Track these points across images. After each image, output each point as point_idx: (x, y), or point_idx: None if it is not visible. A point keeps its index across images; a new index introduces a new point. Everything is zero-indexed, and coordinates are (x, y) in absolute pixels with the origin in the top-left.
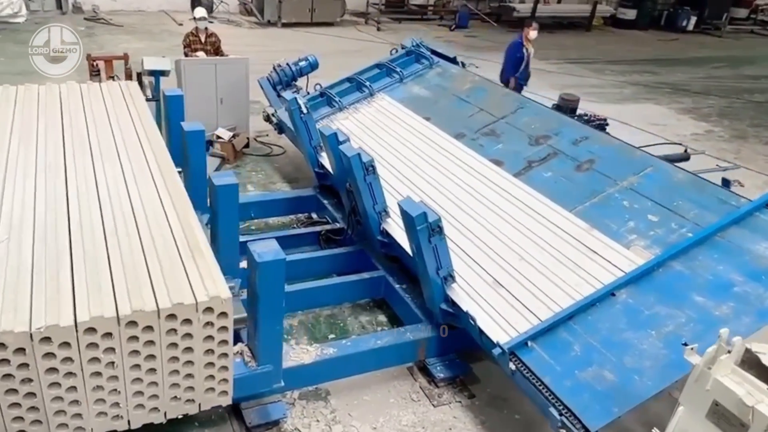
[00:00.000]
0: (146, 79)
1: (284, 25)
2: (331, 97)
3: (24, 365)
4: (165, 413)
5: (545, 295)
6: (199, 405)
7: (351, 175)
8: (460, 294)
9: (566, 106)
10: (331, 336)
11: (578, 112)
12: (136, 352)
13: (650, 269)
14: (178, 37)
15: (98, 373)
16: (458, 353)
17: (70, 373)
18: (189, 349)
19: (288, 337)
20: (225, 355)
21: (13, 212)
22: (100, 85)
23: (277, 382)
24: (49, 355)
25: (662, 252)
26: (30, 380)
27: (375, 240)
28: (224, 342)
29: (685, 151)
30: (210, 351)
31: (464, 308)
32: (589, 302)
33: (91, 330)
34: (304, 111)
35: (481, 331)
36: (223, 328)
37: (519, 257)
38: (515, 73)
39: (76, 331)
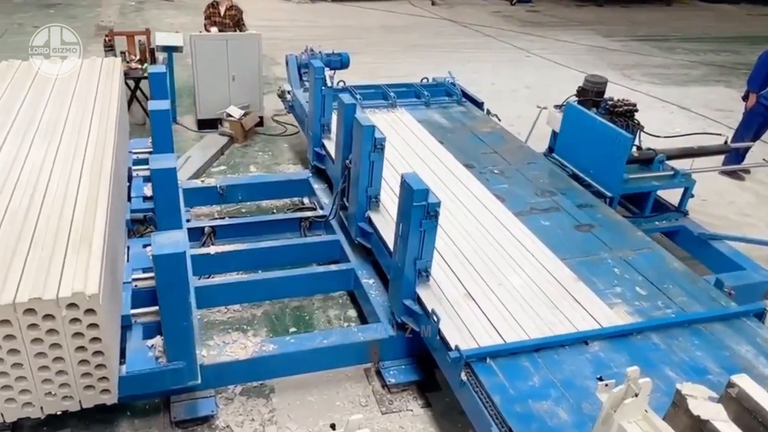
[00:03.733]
0: (159, 55)
1: (335, 0)
2: (352, 93)
3: None
4: (41, 408)
5: (516, 321)
6: (80, 402)
7: (356, 149)
8: (429, 293)
9: (591, 89)
10: (293, 330)
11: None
12: None
13: (628, 331)
14: None
15: None
16: (418, 358)
17: None
18: (56, 345)
19: (247, 328)
20: (100, 353)
21: None
22: (81, 62)
23: (192, 379)
24: None
25: (644, 321)
26: None
27: (355, 226)
28: (96, 339)
29: (726, 143)
30: (82, 348)
31: (429, 307)
32: (560, 341)
33: None
34: (328, 84)
35: (439, 333)
36: (93, 326)
37: (498, 282)
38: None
39: None
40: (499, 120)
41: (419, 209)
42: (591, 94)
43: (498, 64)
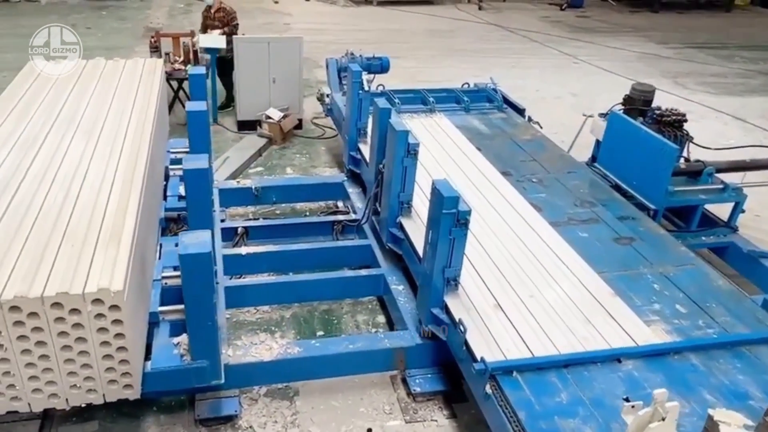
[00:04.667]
0: (203, 57)
1: (380, 3)
2: (390, 97)
3: None
4: (66, 400)
5: (546, 335)
6: (104, 395)
7: (390, 154)
8: (457, 302)
9: (638, 98)
10: (320, 333)
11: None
12: (24, 337)
13: (665, 351)
14: (270, 15)
15: None
16: (445, 368)
17: None
18: (82, 339)
19: (275, 329)
20: (123, 348)
21: None
22: (124, 62)
23: (215, 379)
24: None
25: (683, 340)
26: None
27: (387, 231)
28: (120, 335)
29: None
30: (106, 343)
31: (456, 316)
32: (591, 357)
33: None
34: (365, 88)
35: (466, 344)
36: (117, 322)
37: (530, 294)
38: None
39: None
40: (541, 127)
41: (449, 217)
42: (638, 102)
43: (544, 71)
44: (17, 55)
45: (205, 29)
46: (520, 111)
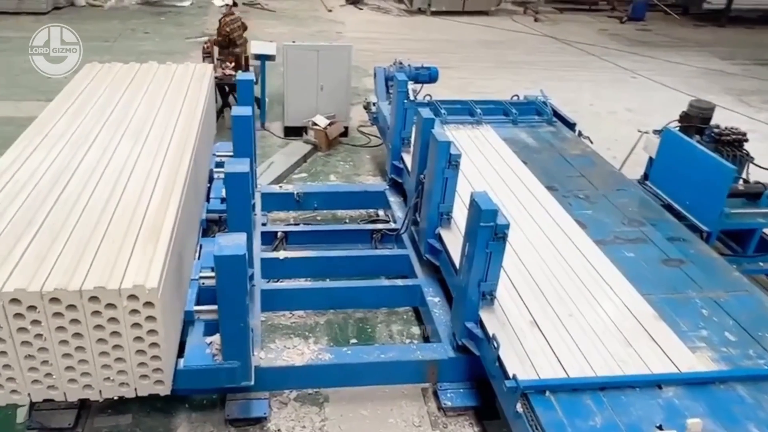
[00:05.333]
0: (253, 63)
1: (433, 13)
2: (437, 107)
3: None
4: (100, 392)
5: (583, 356)
6: (135, 390)
7: (431, 164)
8: (492, 317)
9: (696, 115)
10: (354, 341)
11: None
12: (62, 329)
13: (710, 379)
14: (324, 23)
15: (28, 343)
16: (478, 383)
17: None
18: (116, 334)
19: (309, 335)
20: (156, 344)
21: (20, 179)
22: (176, 67)
23: (245, 380)
24: None
25: (730, 369)
26: None
27: (425, 242)
28: (153, 332)
29: None
30: (139, 338)
31: (491, 331)
32: (630, 381)
33: (16, 301)
34: (411, 98)
35: (498, 360)
36: (151, 318)
37: (569, 312)
38: None
39: (1, 299)
40: (591, 142)
41: (486, 230)
42: (695, 120)
43: (599, 84)
44: (81, 57)
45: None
46: (571, 125)
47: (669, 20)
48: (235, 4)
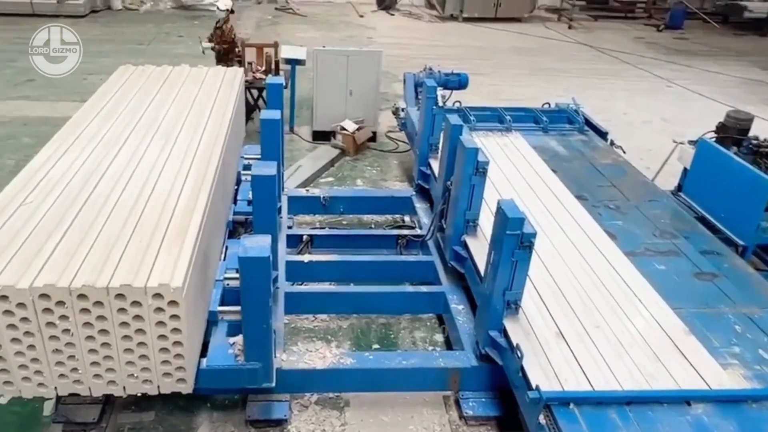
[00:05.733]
0: (284, 67)
1: (465, 20)
2: (466, 114)
3: None
4: (124, 388)
5: (609, 369)
6: (158, 387)
7: (458, 171)
8: (516, 326)
9: (733, 126)
10: (376, 346)
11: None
12: (89, 324)
13: (742, 397)
14: (355, 28)
15: (55, 338)
16: (501, 393)
17: (28, 333)
18: (141, 331)
19: (332, 339)
20: (179, 343)
21: (53, 178)
22: (207, 70)
23: (266, 381)
24: (8, 312)
25: (764, 387)
26: None
27: (450, 249)
28: (177, 330)
29: None
30: (163, 337)
31: (514, 341)
32: (657, 397)
33: (45, 296)
34: (440, 104)
35: (521, 370)
36: (175, 317)
37: (596, 324)
38: None
39: (31, 294)
40: (624, 152)
41: (512, 238)
42: (732, 131)
43: (633, 93)
44: (116, 59)
45: (209, 40)
46: (603, 134)
47: (708, 29)
48: (232, 12)
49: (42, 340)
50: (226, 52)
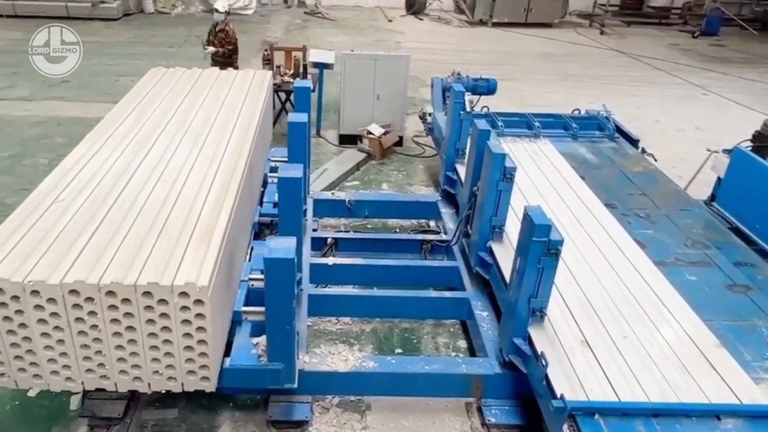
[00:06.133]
0: (311, 71)
1: (495, 25)
2: (494, 119)
3: (19, 312)
4: (149, 384)
5: (636, 379)
6: (182, 384)
7: (485, 176)
8: (541, 334)
9: None
10: (398, 351)
11: None
12: (116, 321)
13: None
14: (384, 33)
15: (84, 333)
16: (524, 401)
17: (57, 328)
18: (167, 329)
19: (354, 342)
20: (203, 342)
21: (84, 177)
22: (236, 73)
23: (288, 382)
24: (39, 307)
25: None
26: (25, 325)
27: (475, 255)
28: (201, 329)
29: None
30: (188, 335)
31: (539, 349)
32: (686, 410)
33: (75, 292)
34: (467, 108)
35: (546, 378)
36: (200, 315)
37: (623, 334)
38: None
39: (61, 290)
40: (655, 160)
41: (539, 245)
42: None
43: (666, 101)
44: (148, 62)
45: (208, 43)
46: (634, 141)
47: (745, 35)
48: (228, 13)
49: (71, 335)
50: (230, 54)
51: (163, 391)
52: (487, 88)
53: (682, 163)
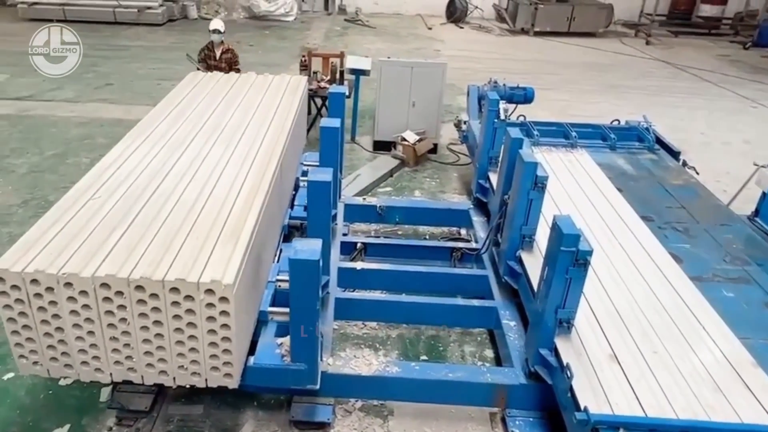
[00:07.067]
0: (348, 77)
1: (537, 34)
2: (530, 128)
3: (53, 303)
4: (174, 378)
5: (664, 395)
6: (206, 380)
7: (516, 185)
8: (567, 346)
9: None
10: (424, 358)
11: None
12: (144, 315)
13: None
14: (423, 41)
15: (113, 326)
16: (549, 414)
17: (88, 319)
18: (192, 325)
19: (379, 347)
20: (227, 339)
21: (120, 176)
22: (272, 78)
23: (311, 383)
24: (71, 299)
25: None
26: (58, 316)
27: (505, 264)
28: (226, 326)
29: None
30: (212, 331)
31: (565, 360)
32: (717, 429)
33: (106, 285)
34: (501, 117)
35: (571, 391)
36: (224, 313)
37: (653, 349)
38: None
39: (93, 283)
40: (697, 173)
41: (567, 255)
42: None
43: (713, 113)
44: (187, 66)
45: (207, 69)
46: (675, 153)
47: None
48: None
49: (101, 328)
50: (237, 71)
51: (188, 387)
52: (524, 96)
53: (727, 177)
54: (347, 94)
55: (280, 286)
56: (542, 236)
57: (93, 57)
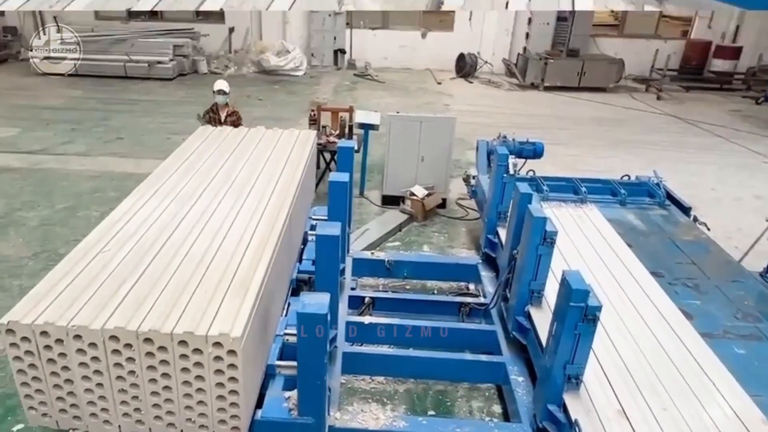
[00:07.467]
0: (356, 132)
1: (547, 89)
2: (539, 183)
3: (62, 355)
4: (182, 431)
5: None
6: None
7: (525, 240)
8: (576, 402)
9: None
10: (431, 413)
11: None
12: (152, 368)
13: None
14: (432, 95)
15: (122, 378)
16: None
17: (97, 371)
18: (200, 378)
19: (387, 402)
20: (235, 392)
21: (130, 229)
22: (281, 132)
23: None
24: (81, 351)
25: None
26: (68, 368)
27: (513, 319)
28: (234, 379)
29: None
30: (220, 384)
31: (573, 416)
32: None
33: (115, 338)
34: (510, 172)
35: None
36: (233, 366)
37: (663, 407)
38: None
39: (102, 335)
40: (708, 229)
41: (576, 310)
42: None
43: (724, 168)
44: (197, 121)
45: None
46: (686, 209)
47: None
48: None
49: (110, 380)
50: None
51: None
52: (534, 151)
53: (739, 233)
54: (356, 148)
55: (288, 339)
56: (551, 292)
57: (104, 111)
